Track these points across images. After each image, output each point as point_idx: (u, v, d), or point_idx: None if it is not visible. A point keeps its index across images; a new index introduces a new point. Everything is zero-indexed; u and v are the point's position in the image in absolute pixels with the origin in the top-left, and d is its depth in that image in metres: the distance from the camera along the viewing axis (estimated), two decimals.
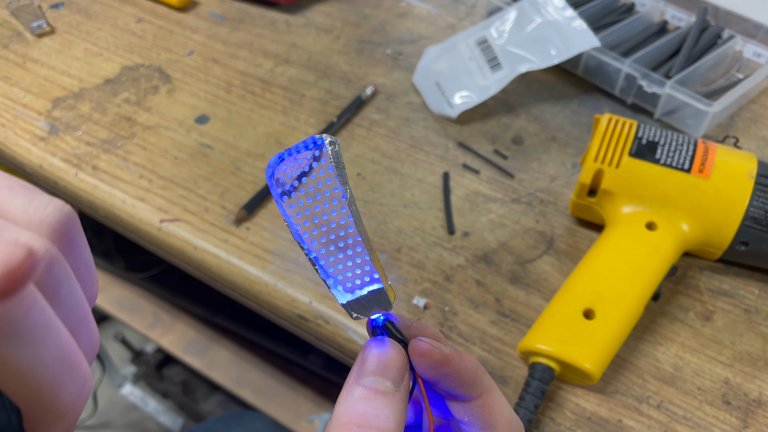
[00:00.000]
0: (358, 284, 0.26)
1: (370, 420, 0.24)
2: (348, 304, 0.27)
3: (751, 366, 0.46)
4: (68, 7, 0.76)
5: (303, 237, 0.26)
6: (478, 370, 0.27)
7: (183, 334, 1.18)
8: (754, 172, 0.48)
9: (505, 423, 0.28)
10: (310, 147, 0.25)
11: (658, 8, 0.71)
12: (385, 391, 0.25)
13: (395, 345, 0.26)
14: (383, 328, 0.27)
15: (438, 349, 0.26)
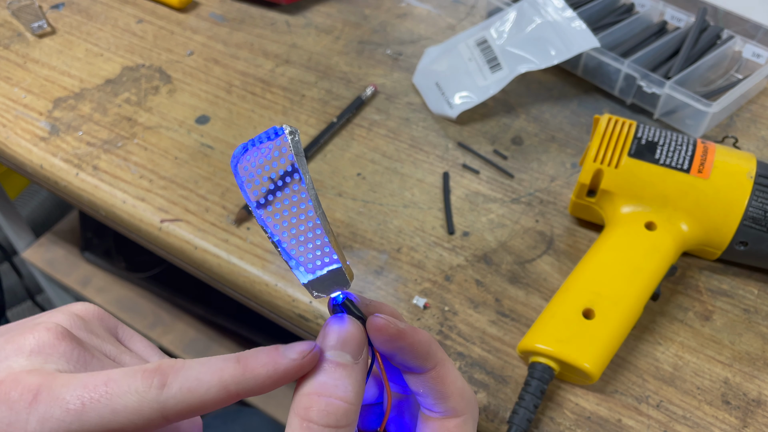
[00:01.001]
0: (318, 264, 0.28)
1: (331, 390, 0.26)
2: (309, 284, 0.29)
3: (750, 366, 0.46)
4: (69, 8, 0.77)
5: (266, 222, 0.28)
6: (431, 343, 0.29)
7: (183, 334, 1.18)
8: (753, 173, 0.48)
9: (458, 393, 0.30)
10: (272, 137, 0.27)
11: (658, 9, 0.71)
12: (345, 364, 0.27)
13: (354, 321, 0.28)
14: (343, 305, 0.29)
15: (393, 324, 0.28)
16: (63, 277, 1.13)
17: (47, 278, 1.15)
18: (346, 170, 0.59)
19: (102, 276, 1.15)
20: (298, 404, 0.26)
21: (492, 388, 0.45)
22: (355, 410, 0.26)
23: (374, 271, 0.51)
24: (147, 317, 1.19)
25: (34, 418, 0.24)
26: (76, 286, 1.12)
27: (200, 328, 1.18)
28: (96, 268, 1.15)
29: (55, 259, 1.15)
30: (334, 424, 0.25)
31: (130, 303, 1.19)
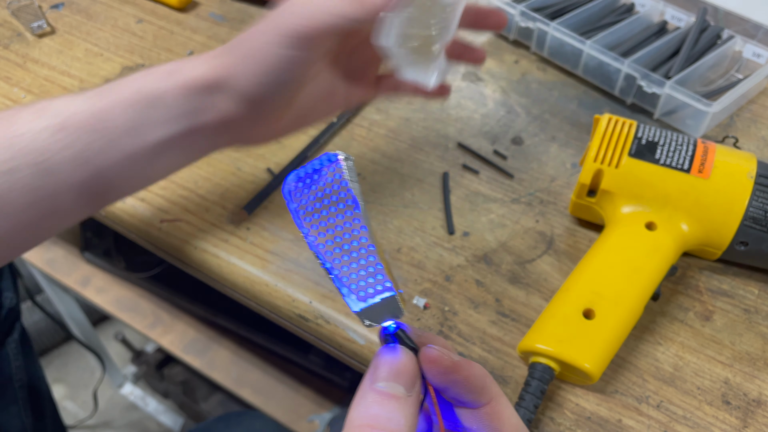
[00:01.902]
0: (371, 293, 0.27)
1: (383, 423, 0.25)
2: (361, 312, 0.28)
3: (750, 366, 0.46)
4: (68, 8, 0.76)
5: (318, 249, 0.27)
6: (486, 377, 0.28)
7: (183, 334, 1.18)
8: (753, 173, 0.48)
9: (513, 430, 0.28)
10: (325, 163, 0.26)
11: (658, 8, 0.71)
12: (398, 396, 0.26)
13: (407, 352, 0.27)
14: (395, 335, 0.28)
15: (447, 355, 0.27)
16: (63, 277, 1.13)
17: (47, 278, 1.15)
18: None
19: (102, 276, 1.15)
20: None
21: None
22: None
23: None
24: (147, 317, 1.19)
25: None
26: (76, 286, 1.12)
27: (200, 328, 1.18)
28: (96, 268, 1.15)
29: (55, 259, 1.15)
30: None
31: (130, 303, 1.19)
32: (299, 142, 0.61)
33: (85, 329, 1.27)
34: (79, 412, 1.39)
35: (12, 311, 0.75)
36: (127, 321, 1.19)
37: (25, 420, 0.74)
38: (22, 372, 0.76)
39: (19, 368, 0.75)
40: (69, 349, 1.49)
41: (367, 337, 0.48)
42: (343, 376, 1.03)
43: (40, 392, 0.80)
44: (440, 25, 0.38)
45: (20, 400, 0.74)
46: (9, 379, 0.74)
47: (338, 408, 1.03)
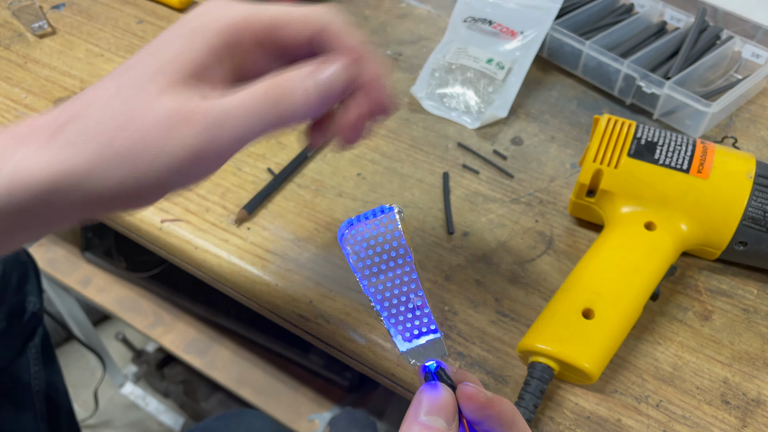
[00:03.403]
0: (417, 334, 0.30)
1: None
2: (407, 352, 0.31)
3: (749, 366, 0.46)
4: (69, 8, 0.77)
5: (371, 292, 0.30)
6: (515, 412, 0.30)
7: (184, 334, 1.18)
8: (752, 173, 0.48)
9: None
10: (378, 214, 0.29)
11: (657, 9, 0.71)
12: (440, 429, 0.28)
13: (447, 389, 0.30)
14: (436, 374, 0.30)
15: (483, 393, 0.29)
16: (63, 277, 1.13)
17: (48, 278, 1.15)
18: (346, 170, 0.59)
19: (102, 276, 1.15)
20: None
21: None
22: None
23: None
24: (147, 317, 1.19)
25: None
26: (76, 286, 1.13)
27: (201, 328, 1.18)
28: (96, 268, 1.16)
29: (56, 259, 1.15)
30: None
31: (131, 303, 1.20)
32: (299, 142, 0.61)
33: (86, 329, 1.27)
34: (80, 411, 1.39)
35: (35, 316, 0.75)
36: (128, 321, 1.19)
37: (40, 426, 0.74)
38: (41, 378, 0.76)
39: (37, 374, 0.75)
40: (70, 349, 1.49)
41: (367, 336, 0.48)
42: (343, 376, 1.03)
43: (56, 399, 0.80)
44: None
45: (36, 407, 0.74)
46: (27, 386, 0.74)
47: (338, 407, 1.03)
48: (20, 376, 0.73)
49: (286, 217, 0.55)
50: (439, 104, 0.65)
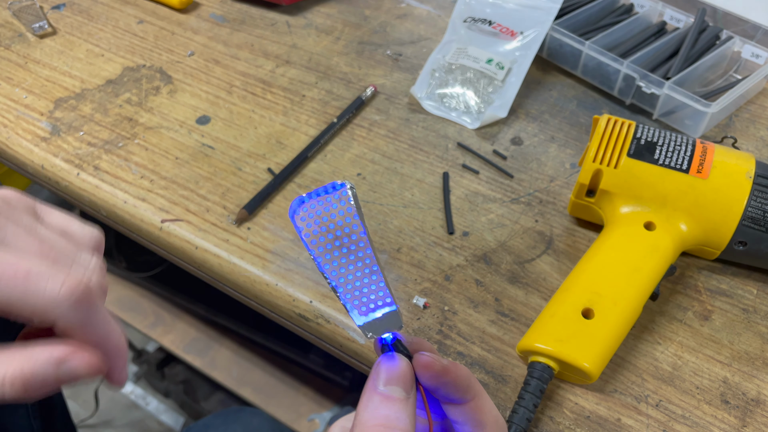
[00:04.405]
0: (372, 308, 0.30)
1: (393, 422, 0.28)
2: (364, 326, 0.31)
3: (749, 365, 0.46)
4: (70, 8, 0.77)
5: (325, 269, 0.30)
6: (470, 377, 0.32)
7: (184, 334, 1.18)
8: (752, 173, 0.48)
9: (493, 421, 0.32)
10: (330, 191, 0.29)
11: (657, 9, 0.71)
12: (400, 398, 0.29)
13: (404, 359, 0.30)
14: (393, 345, 0.31)
15: (438, 361, 0.30)
16: None
17: None
18: (346, 170, 0.59)
19: None
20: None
21: (492, 387, 0.45)
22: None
23: None
24: (148, 317, 1.19)
25: None
26: None
27: (201, 328, 1.18)
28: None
29: None
30: None
31: (131, 303, 1.20)
32: (299, 142, 0.61)
33: None
34: (80, 411, 1.39)
35: None
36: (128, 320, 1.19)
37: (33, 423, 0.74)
38: None
39: None
40: None
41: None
42: (343, 376, 1.03)
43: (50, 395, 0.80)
44: None
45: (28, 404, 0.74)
46: None
47: (338, 407, 1.03)
48: None
49: (286, 217, 0.55)
50: (439, 104, 0.65)
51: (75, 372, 0.27)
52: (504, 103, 0.63)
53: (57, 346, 0.27)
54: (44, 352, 0.27)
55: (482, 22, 0.69)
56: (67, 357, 0.27)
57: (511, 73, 0.65)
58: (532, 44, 0.66)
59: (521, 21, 0.68)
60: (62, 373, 0.27)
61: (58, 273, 0.27)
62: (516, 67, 0.65)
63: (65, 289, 0.27)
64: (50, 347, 0.27)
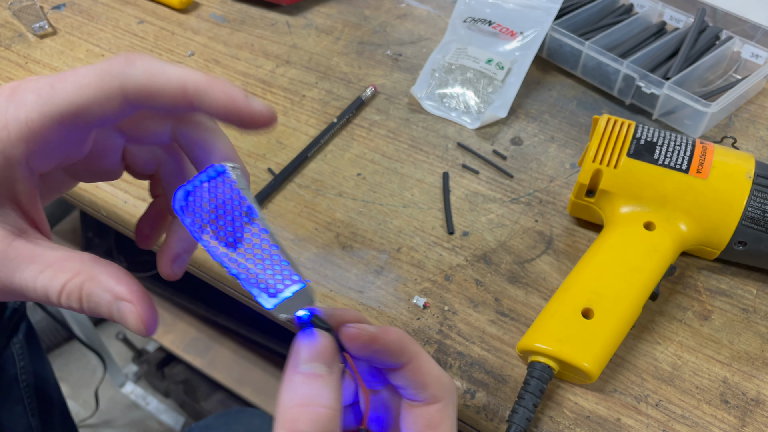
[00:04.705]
0: (281, 288, 0.28)
1: (314, 399, 0.27)
2: (275, 308, 0.29)
3: (749, 365, 0.46)
4: (70, 8, 0.77)
5: (222, 258, 0.28)
6: (403, 339, 0.31)
7: (184, 333, 1.18)
8: (752, 173, 0.48)
9: (435, 380, 0.32)
10: (213, 175, 0.27)
11: (657, 9, 0.71)
12: (321, 374, 0.28)
13: (323, 333, 0.29)
14: (311, 322, 0.30)
15: (365, 330, 0.30)
16: None
17: None
18: (346, 170, 0.59)
19: None
20: (285, 417, 0.27)
21: (491, 387, 0.45)
22: (337, 415, 0.28)
23: (374, 270, 0.51)
24: None
25: (12, 105, 0.26)
26: None
27: (201, 328, 1.19)
28: None
29: None
30: (322, 430, 0.27)
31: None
32: (299, 142, 0.61)
33: (87, 329, 1.27)
34: (81, 411, 1.39)
35: (16, 311, 0.75)
36: None
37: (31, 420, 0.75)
38: (28, 372, 0.76)
39: (24, 368, 0.75)
40: (70, 349, 1.49)
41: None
42: None
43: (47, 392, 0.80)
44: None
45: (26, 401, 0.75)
46: (14, 379, 0.74)
47: None
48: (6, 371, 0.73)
49: (286, 217, 0.55)
50: (438, 104, 0.65)
51: (123, 317, 0.28)
52: (504, 103, 0.63)
53: (122, 284, 0.28)
54: (109, 281, 0.28)
55: (482, 22, 0.69)
56: (124, 299, 0.28)
57: (511, 73, 0.65)
58: (532, 44, 0.66)
59: (521, 21, 0.68)
60: (114, 310, 0.28)
61: (109, 58, 0.27)
62: (516, 67, 0.65)
63: (114, 59, 0.27)
64: (117, 280, 0.28)
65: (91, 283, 0.28)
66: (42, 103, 0.26)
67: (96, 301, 0.28)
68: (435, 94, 0.65)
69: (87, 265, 0.28)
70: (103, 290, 0.28)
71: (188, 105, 0.27)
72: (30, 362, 0.76)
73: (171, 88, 0.27)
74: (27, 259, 0.27)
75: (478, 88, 0.65)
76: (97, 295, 0.28)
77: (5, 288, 0.28)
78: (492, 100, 0.64)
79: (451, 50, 0.67)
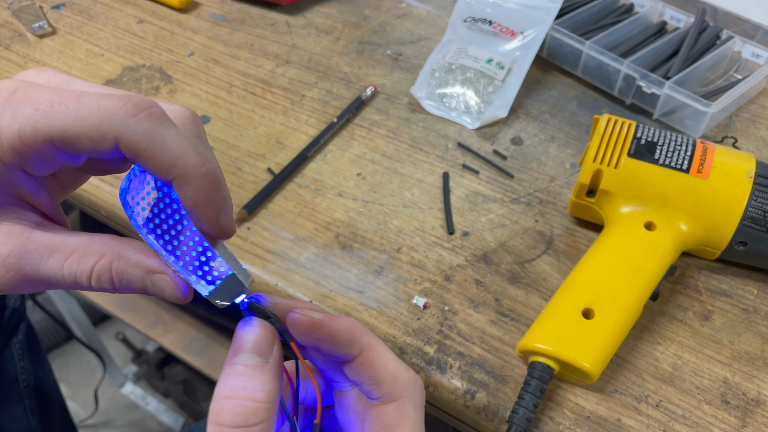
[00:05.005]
0: (216, 275, 0.28)
1: (239, 391, 0.26)
2: (211, 295, 0.29)
3: (749, 365, 0.46)
4: (69, 8, 0.77)
5: (158, 245, 0.28)
6: (354, 329, 0.29)
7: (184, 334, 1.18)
8: (752, 173, 0.48)
9: (390, 376, 0.29)
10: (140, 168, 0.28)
11: (657, 9, 0.71)
12: (255, 365, 0.27)
13: (261, 321, 0.29)
14: (249, 309, 0.29)
15: (307, 316, 0.29)
16: None
17: None
18: (346, 170, 0.59)
19: None
20: (211, 410, 0.26)
21: (492, 387, 0.45)
22: (266, 408, 0.26)
23: (374, 271, 0.51)
24: (148, 317, 1.19)
25: (7, 112, 0.26)
26: None
27: (201, 328, 1.18)
28: None
29: None
30: (242, 423, 0.26)
31: (131, 303, 1.20)
32: (299, 142, 0.61)
33: (86, 329, 1.27)
34: (80, 411, 1.39)
35: (16, 312, 0.75)
36: (128, 320, 1.19)
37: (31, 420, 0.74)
38: (28, 372, 0.76)
39: (24, 369, 0.75)
40: (70, 349, 1.49)
41: None
42: None
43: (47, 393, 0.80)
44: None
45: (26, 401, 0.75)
46: (14, 380, 0.74)
47: None
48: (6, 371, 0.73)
49: (286, 217, 0.55)
50: (439, 104, 0.65)
51: (159, 288, 0.28)
52: (504, 102, 0.63)
53: (151, 258, 0.28)
54: (137, 256, 0.28)
55: (482, 22, 0.69)
56: (156, 272, 0.28)
57: (511, 72, 0.65)
58: (532, 44, 0.66)
59: (521, 21, 0.68)
60: (148, 283, 0.28)
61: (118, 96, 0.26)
62: (516, 66, 0.65)
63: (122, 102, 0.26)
64: (145, 254, 0.28)
65: (120, 262, 0.28)
66: (38, 120, 0.25)
67: (128, 278, 0.28)
68: (435, 93, 0.65)
69: (111, 244, 0.28)
70: (133, 266, 0.28)
71: (168, 181, 0.27)
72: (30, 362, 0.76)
73: (162, 161, 0.26)
74: (49, 248, 0.28)
75: (478, 87, 0.64)
76: (128, 272, 0.28)
77: (33, 279, 0.28)
78: (492, 99, 0.64)
79: (451, 50, 0.67)
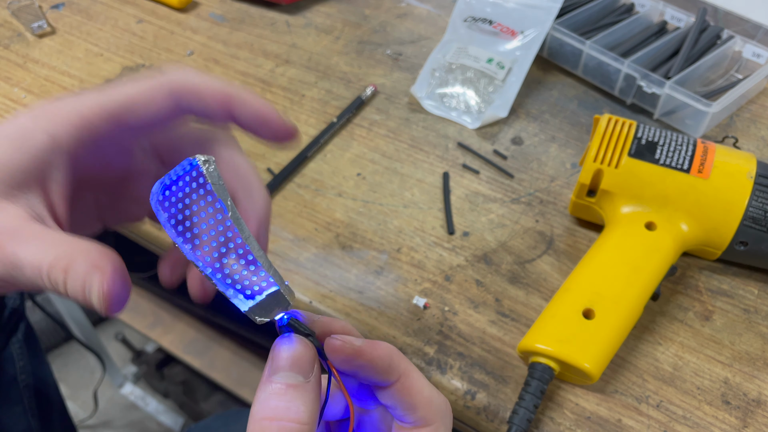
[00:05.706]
0: (257, 290, 0.27)
1: (282, 413, 0.26)
2: (250, 310, 0.28)
3: (750, 366, 0.46)
4: (69, 8, 0.77)
5: (196, 255, 0.27)
6: (393, 356, 0.29)
7: (183, 334, 1.18)
8: (753, 173, 0.48)
9: (425, 402, 0.30)
10: (188, 169, 0.26)
11: (658, 9, 0.71)
12: (296, 385, 0.26)
13: (301, 340, 0.28)
14: (288, 326, 0.28)
15: (349, 343, 0.28)
16: None
17: None
18: (346, 170, 0.59)
19: None
20: (252, 431, 0.26)
21: (492, 388, 0.45)
22: (309, 429, 0.26)
23: (374, 271, 0.51)
24: (147, 317, 1.19)
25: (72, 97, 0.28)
26: None
27: (200, 328, 1.18)
28: None
29: None
30: None
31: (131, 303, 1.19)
32: (299, 141, 0.61)
33: (86, 329, 1.27)
34: (80, 412, 1.39)
35: (15, 312, 0.75)
36: (128, 321, 1.19)
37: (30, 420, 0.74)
38: (28, 372, 0.76)
39: (23, 368, 0.75)
40: (69, 349, 1.49)
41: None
42: None
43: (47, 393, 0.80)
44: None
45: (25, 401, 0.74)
46: (13, 380, 0.74)
47: None
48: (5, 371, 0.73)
49: (286, 217, 0.55)
50: (439, 104, 0.65)
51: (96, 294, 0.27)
52: (504, 102, 0.63)
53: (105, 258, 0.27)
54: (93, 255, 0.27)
55: (482, 22, 0.69)
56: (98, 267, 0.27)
57: (512, 72, 0.65)
58: (532, 44, 0.66)
59: (522, 20, 0.67)
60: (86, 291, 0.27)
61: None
62: (516, 66, 0.65)
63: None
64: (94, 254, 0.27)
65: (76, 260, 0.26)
66: (98, 96, 0.28)
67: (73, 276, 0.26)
68: (435, 93, 0.65)
69: (83, 246, 0.27)
70: (83, 272, 0.26)
71: (228, 113, 0.28)
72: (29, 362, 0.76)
73: (215, 93, 0.28)
74: (35, 237, 0.27)
75: (478, 87, 0.64)
76: (74, 270, 0.26)
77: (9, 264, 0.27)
78: (492, 99, 0.64)
79: (451, 49, 0.67)
